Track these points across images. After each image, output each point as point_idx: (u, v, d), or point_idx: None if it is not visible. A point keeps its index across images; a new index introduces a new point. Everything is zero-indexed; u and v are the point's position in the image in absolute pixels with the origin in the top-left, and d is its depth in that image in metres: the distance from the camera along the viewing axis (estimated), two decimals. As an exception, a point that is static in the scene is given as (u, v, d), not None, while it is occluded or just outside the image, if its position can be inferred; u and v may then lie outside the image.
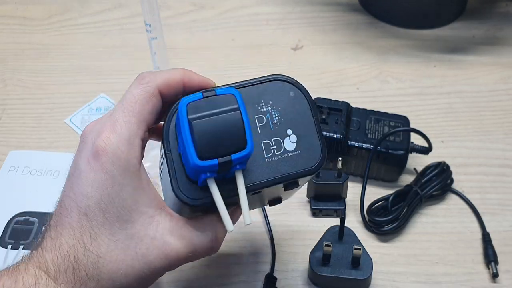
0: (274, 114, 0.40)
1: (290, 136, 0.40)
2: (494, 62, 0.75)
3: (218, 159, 0.35)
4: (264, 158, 0.39)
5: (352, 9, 0.84)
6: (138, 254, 0.36)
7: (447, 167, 0.60)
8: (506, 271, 0.55)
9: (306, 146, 0.40)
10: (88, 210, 0.36)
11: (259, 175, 0.39)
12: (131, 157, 0.36)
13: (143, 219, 0.37)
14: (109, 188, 0.36)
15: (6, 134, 0.68)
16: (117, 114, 0.37)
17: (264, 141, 0.39)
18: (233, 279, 0.54)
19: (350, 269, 0.52)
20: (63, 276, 0.35)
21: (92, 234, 0.36)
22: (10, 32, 0.82)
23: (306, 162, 0.40)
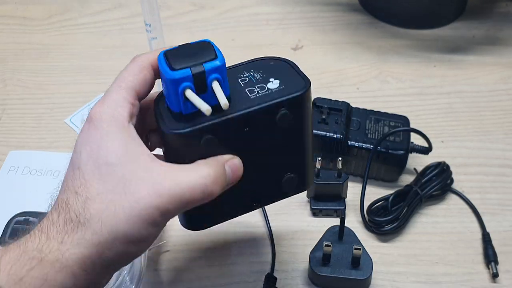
0: (256, 74, 0.41)
1: (272, 81, 0.41)
2: (494, 62, 0.75)
3: (190, 68, 0.37)
4: (249, 98, 0.40)
5: (352, 9, 0.84)
6: (128, 194, 0.36)
7: (447, 167, 0.60)
8: (506, 271, 0.55)
9: (289, 82, 0.40)
10: (80, 164, 0.37)
11: (243, 104, 0.39)
12: (118, 114, 0.38)
13: (133, 165, 0.37)
14: (98, 139, 0.37)
15: (6, 134, 0.68)
16: (113, 86, 0.40)
17: (248, 88, 0.40)
18: (233, 279, 0.54)
19: (350, 269, 0.52)
20: (56, 228, 0.36)
21: (82, 182, 0.36)
22: (10, 32, 0.82)
23: (292, 91, 0.40)
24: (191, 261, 0.56)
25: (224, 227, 0.58)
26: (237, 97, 0.39)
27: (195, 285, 0.54)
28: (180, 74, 0.37)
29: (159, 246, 0.56)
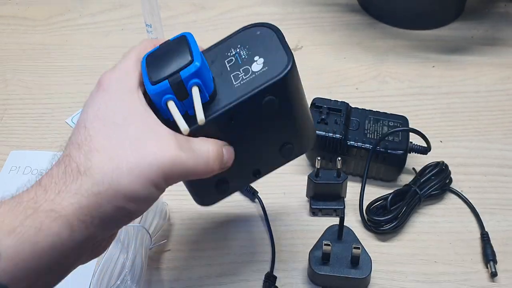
0: (242, 52, 0.41)
1: (257, 61, 0.40)
2: (492, 63, 0.75)
3: (168, 80, 0.37)
4: (233, 85, 0.39)
5: (352, 10, 0.84)
6: (133, 150, 0.36)
7: (446, 167, 0.60)
8: (505, 270, 0.55)
9: (272, 61, 0.39)
10: (86, 122, 0.37)
11: (229, 98, 0.39)
12: (127, 79, 0.38)
13: (140, 126, 0.37)
14: (106, 100, 0.37)
15: (7, 134, 0.69)
16: (122, 56, 0.41)
17: (233, 73, 0.40)
18: (233, 278, 0.55)
19: (349, 268, 0.52)
20: (55, 181, 0.35)
21: (87, 137, 0.36)
22: (11, 33, 0.82)
23: (275, 72, 0.39)
24: (191, 260, 0.56)
25: (224, 227, 0.58)
26: (222, 87, 0.40)
27: (195, 284, 0.54)
28: (159, 88, 0.37)
29: (160, 245, 0.56)
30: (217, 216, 0.59)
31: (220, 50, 0.42)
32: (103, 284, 0.49)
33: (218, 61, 0.41)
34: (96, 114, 0.37)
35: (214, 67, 0.41)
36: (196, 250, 0.57)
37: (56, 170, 0.36)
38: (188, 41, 0.39)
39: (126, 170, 0.35)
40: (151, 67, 0.38)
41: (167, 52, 0.39)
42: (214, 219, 0.59)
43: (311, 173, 0.59)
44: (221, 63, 0.41)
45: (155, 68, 0.38)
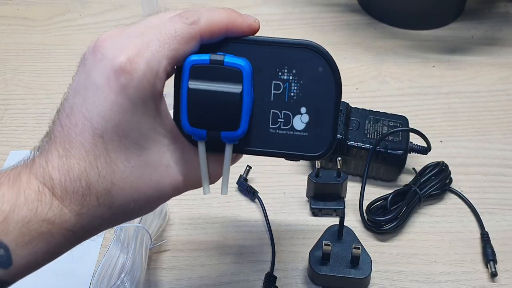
0: (294, 85, 0.37)
1: (302, 115, 0.37)
2: (492, 63, 0.75)
3: (207, 132, 0.36)
4: (268, 127, 0.37)
5: (352, 10, 0.84)
6: (152, 181, 0.36)
7: (446, 167, 0.60)
8: (505, 270, 0.55)
9: (315, 131, 0.37)
10: (104, 133, 0.34)
11: (257, 142, 0.38)
12: (155, 90, 0.34)
13: (159, 148, 0.36)
14: (129, 114, 0.34)
15: (7, 134, 0.69)
16: (151, 38, 0.34)
17: (274, 110, 0.37)
18: (233, 278, 0.55)
19: (349, 268, 0.52)
20: (70, 199, 0.34)
21: (107, 159, 0.34)
22: (11, 33, 0.82)
23: (309, 147, 0.37)
24: (191, 260, 0.56)
25: (224, 227, 0.58)
26: (257, 121, 0.37)
27: (195, 284, 0.54)
28: (196, 132, 0.36)
29: (160, 245, 0.56)
30: (217, 216, 0.59)
31: (273, 59, 0.37)
32: (103, 284, 0.49)
33: (266, 75, 0.37)
34: (116, 129, 0.34)
35: (259, 80, 0.37)
36: (196, 250, 0.57)
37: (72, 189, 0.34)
38: (243, 83, 0.35)
39: (143, 203, 0.36)
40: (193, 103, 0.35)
41: (216, 92, 0.35)
42: (214, 219, 0.59)
43: (311, 173, 0.59)
44: (268, 81, 0.37)
45: (197, 108, 0.35)
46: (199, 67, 0.35)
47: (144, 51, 0.33)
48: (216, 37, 0.36)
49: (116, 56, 0.33)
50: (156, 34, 0.34)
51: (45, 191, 0.34)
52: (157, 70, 0.34)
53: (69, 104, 0.35)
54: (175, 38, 0.34)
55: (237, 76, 0.35)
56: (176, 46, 0.34)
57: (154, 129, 0.35)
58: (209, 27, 0.35)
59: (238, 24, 0.36)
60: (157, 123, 0.35)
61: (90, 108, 0.34)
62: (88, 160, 0.34)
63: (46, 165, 0.34)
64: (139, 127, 0.34)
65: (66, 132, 0.34)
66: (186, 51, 0.35)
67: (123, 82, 0.33)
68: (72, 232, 0.35)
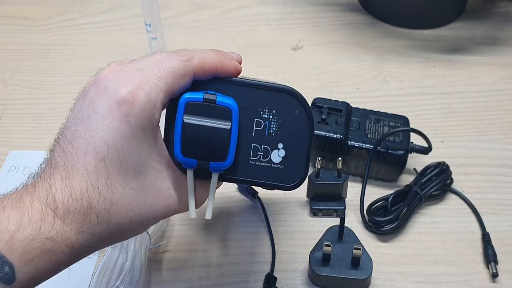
0: (273, 124, 0.42)
1: (279, 150, 0.42)
2: (493, 62, 0.75)
3: (197, 162, 0.39)
4: (249, 159, 0.42)
5: (352, 9, 0.84)
6: (147, 204, 0.39)
7: (447, 167, 0.60)
8: (506, 271, 0.55)
9: (290, 164, 0.42)
10: (106, 157, 0.37)
11: (239, 171, 0.42)
12: (153, 119, 0.38)
13: (154, 173, 0.39)
14: (130, 140, 0.37)
15: (7, 134, 0.69)
16: (149, 74, 0.38)
17: (255, 144, 0.42)
18: (233, 279, 0.54)
19: (350, 269, 0.52)
20: (71, 218, 0.36)
21: (108, 181, 0.37)
22: (11, 32, 0.82)
23: (285, 178, 0.42)
24: (191, 261, 0.56)
25: (224, 227, 0.58)
26: (240, 152, 0.41)
27: (195, 285, 0.54)
28: (187, 161, 0.40)
29: (159, 246, 0.56)
30: (216, 216, 0.59)
31: (256, 100, 0.41)
32: (102, 284, 0.49)
33: (250, 113, 0.41)
34: (118, 154, 0.37)
35: (243, 117, 0.41)
36: (195, 251, 0.57)
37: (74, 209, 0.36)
38: (232, 121, 0.39)
39: (137, 224, 0.39)
40: (186, 136, 0.39)
41: (208, 127, 0.39)
42: (214, 219, 0.59)
43: (312, 173, 0.58)
44: (251, 118, 0.42)
45: (189, 140, 0.39)
46: (194, 104, 0.39)
47: (144, 84, 0.37)
48: (207, 75, 0.40)
49: (119, 88, 0.37)
50: (154, 70, 0.38)
51: (48, 211, 0.36)
52: (155, 101, 0.38)
53: (70, 131, 0.38)
54: (172, 74, 0.38)
55: (227, 114, 0.39)
56: (172, 80, 0.38)
57: (151, 155, 0.39)
58: (202, 65, 0.40)
59: (226, 65, 0.41)
60: (153, 150, 0.39)
61: (93, 134, 0.37)
62: (90, 182, 0.36)
63: (49, 188, 0.36)
64: (138, 152, 0.38)
65: (69, 157, 0.37)
66: (180, 86, 0.39)
67: (125, 111, 0.36)
68: (72, 249, 0.37)
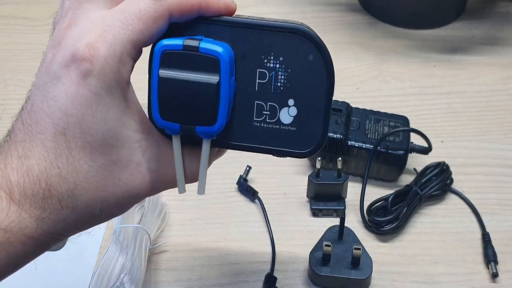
0: (281, 74, 0.34)
1: (290, 108, 0.34)
2: (493, 62, 0.75)
3: (181, 126, 0.33)
4: (252, 120, 0.34)
5: (352, 9, 0.84)
6: (121, 181, 0.33)
7: (447, 167, 0.60)
8: (506, 271, 0.55)
9: (304, 126, 0.34)
10: (66, 130, 0.31)
11: (240, 135, 0.35)
12: (120, 77, 0.31)
13: (129, 144, 0.33)
14: (93, 107, 0.31)
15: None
16: (112, 21, 0.31)
17: (258, 102, 0.34)
18: (233, 279, 0.54)
19: (350, 269, 0.52)
20: (29, 202, 0.31)
21: (69, 158, 0.31)
22: (11, 32, 0.82)
23: (298, 143, 0.34)
24: (191, 261, 0.56)
25: (223, 227, 0.58)
26: (239, 112, 0.34)
27: (195, 285, 0.54)
28: (169, 125, 0.33)
29: (159, 246, 0.56)
30: (216, 216, 0.59)
31: (258, 44, 0.33)
32: (102, 285, 0.49)
33: (250, 62, 0.34)
34: (80, 125, 0.31)
35: (242, 68, 0.34)
36: (195, 250, 0.56)
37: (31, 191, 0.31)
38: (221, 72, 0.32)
39: (113, 204, 0.33)
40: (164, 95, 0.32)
41: (190, 81, 0.32)
42: (214, 219, 0.59)
43: (312, 173, 0.58)
44: (252, 69, 0.34)
45: (168, 100, 0.32)
46: (171, 53, 0.32)
47: (105, 35, 0.31)
48: (187, 15, 0.32)
49: (75, 43, 0.31)
50: (118, 15, 0.31)
51: (2, 196, 0.31)
52: (121, 54, 0.31)
53: (30, 101, 0.32)
54: (140, 18, 0.31)
55: (214, 64, 0.31)
56: (142, 26, 0.31)
57: (122, 122, 0.32)
58: (179, 3, 0.32)
59: (213, 2, 0.33)
60: (125, 115, 0.32)
61: (51, 103, 0.31)
62: (48, 160, 0.31)
63: (4, 167, 0.32)
64: (105, 121, 0.31)
65: (27, 129, 0.32)
66: (153, 32, 0.32)
67: (83, 71, 0.30)
68: (33, 239, 0.32)
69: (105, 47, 0.30)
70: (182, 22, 0.33)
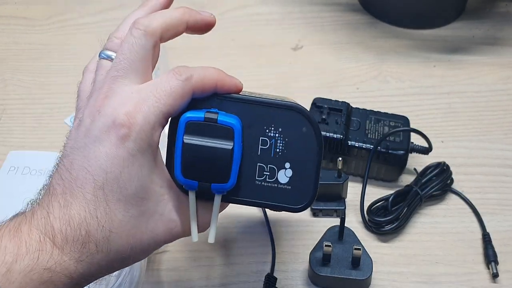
0: (279, 142, 0.40)
1: (286, 170, 0.40)
2: (494, 62, 0.75)
3: (198, 184, 0.38)
4: (254, 179, 0.40)
5: (352, 9, 0.84)
6: (148, 230, 0.38)
7: (447, 167, 0.60)
8: (506, 271, 0.55)
9: (298, 185, 0.40)
10: (105, 185, 0.36)
11: (244, 192, 0.40)
12: (152, 141, 0.37)
13: (155, 197, 0.38)
14: (129, 166, 0.36)
15: (6, 134, 0.68)
16: (147, 95, 0.37)
17: (260, 164, 0.40)
18: (233, 279, 0.54)
19: (350, 269, 0.52)
20: (70, 247, 0.35)
21: (107, 209, 0.36)
22: (11, 32, 0.82)
23: (292, 200, 0.40)
24: (190, 261, 0.56)
25: (224, 227, 0.58)
26: (244, 172, 0.40)
27: (195, 286, 0.54)
28: (188, 183, 0.38)
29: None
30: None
31: (261, 118, 0.40)
32: (102, 285, 0.49)
33: (254, 131, 0.40)
34: (117, 181, 0.36)
35: (248, 135, 0.40)
36: (195, 251, 0.56)
37: (72, 238, 0.36)
38: (234, 139, 0.38)
39: (139, 250, 0.38)
40: (187, 156, 0.38)
41: (209, 147, 0.38)
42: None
43: (312, 173, 0.58)
44: (256, 136, 0.40)
45: (190, 161, 0.38)
46: (194, 123, 0.38)
47: (141, 106, 0.36)
48: (206, 93, 0.39)
49: (116, 112, 0.36)
50: (152, 91, 0.37)
51: (46, 241, 0.35)
52: (154, 123, 0.36)
53: (68, 160, 0.37)
54: (170, 95, 0.37)
55: (229, 133, 0.38)
56: (171, 102, 0.37)
57: (151, 179, 0.37)
58: (201, 84, 0.38)
59: (226, 83, 0.39)
60: (154, 173, 0.38)
61: (91, 163, 0.36)
62: (88, 210, 0.36)
63: (47, 216, 0.36)
64: (138, 178, 0.36)
65: (67, 184, 0.36)
66: (180, 106, 0.38)
67: (122, 136, 0.36)
68: (71, 279, 0.36)
69: (141, 116, 0.36)
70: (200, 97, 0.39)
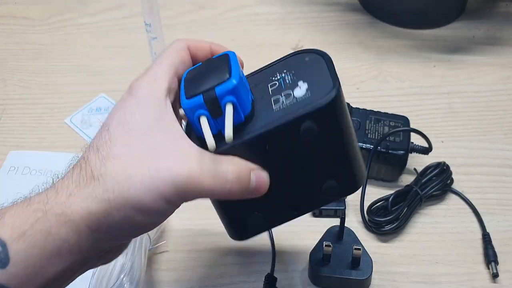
0: (287, 77, 0.39)
1: (300, 86, 0.38)
2: (494, 62, 0.75)
3: (202, 95, 0.36)
4: (272, 110, 0.37)
5: (352, 9, 0.84)
6: (150, 161, 0.35)
7: (447, 167, 0.60)
8: (506, 271, 0.55)
9: (316, 86, 0.37)
10: (110, 126, 0.37)
11: (264, 120, 0.37)
12: (156, 86, 0.38)
13: (162, 136, 0.36)
14: (133, 106, 0.37)
15: (6, 134, 0.68)
16: (152, 63, 0.40)
17: (275, 97, 0.38)
18: (233, 279, 0.54)
19: (350, 269, 0.52)
20: (67, 183, 0.35)
21: (107, 141, 0.36)
22: (10, 32, 0.82)
23: (316, 101, 0.36)
24: (191, 261, 0.56)
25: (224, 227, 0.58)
26: (260, 110, 0.38)
27: (195, 286, 0.54)
28: (193, 102, 0.36)
29: (158, 246, 0.56)
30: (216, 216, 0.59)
31: (265, 75, 0.40)
32: (102, 285, 0.49)
33: (262, 85, 0.40)
34: (121, 119, 0.37)
35: (256, 91, 0.39)
36: (195, 251, 0.56)
37: (71, 172, 0.36)
38: (229, 59, 0.38)
39: (140, 183, 0.34)
40: (189, 82, 0.38)
41: (207, 68, 0.38)
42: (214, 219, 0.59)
43: (312, 173, 0.58)
44: (264, 87, 0.39)
45: (192, 83, 0.37)
46: (193, 68, 0.40)
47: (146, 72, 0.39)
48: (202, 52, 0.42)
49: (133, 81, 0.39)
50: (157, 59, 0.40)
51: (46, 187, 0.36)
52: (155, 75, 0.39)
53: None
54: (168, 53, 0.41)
55: (224, 57, 0.39)
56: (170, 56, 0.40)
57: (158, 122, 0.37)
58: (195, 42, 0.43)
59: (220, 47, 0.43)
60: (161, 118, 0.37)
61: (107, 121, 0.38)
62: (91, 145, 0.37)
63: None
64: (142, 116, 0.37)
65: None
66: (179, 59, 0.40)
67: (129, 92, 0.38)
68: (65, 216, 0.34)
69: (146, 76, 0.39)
70: None
